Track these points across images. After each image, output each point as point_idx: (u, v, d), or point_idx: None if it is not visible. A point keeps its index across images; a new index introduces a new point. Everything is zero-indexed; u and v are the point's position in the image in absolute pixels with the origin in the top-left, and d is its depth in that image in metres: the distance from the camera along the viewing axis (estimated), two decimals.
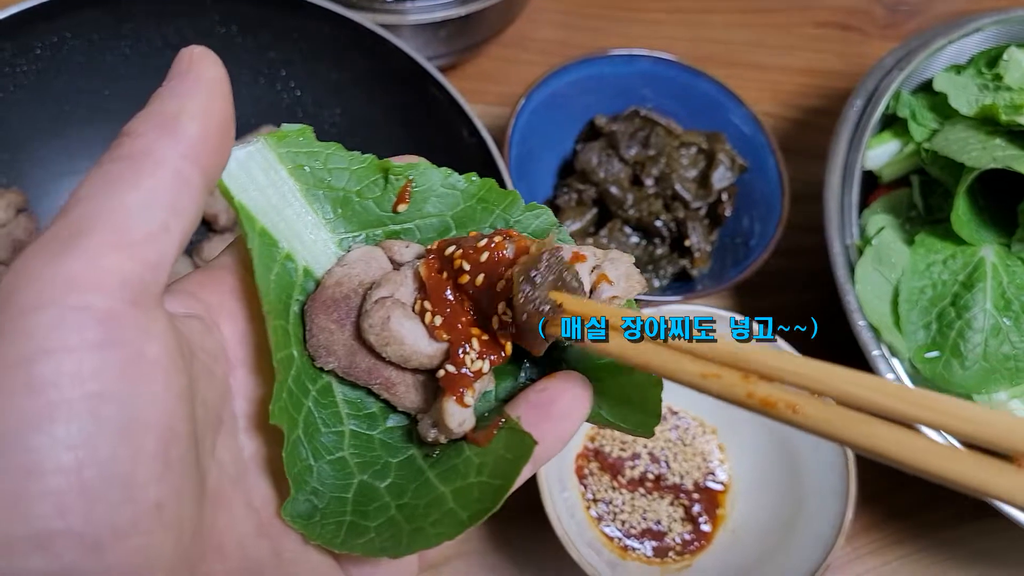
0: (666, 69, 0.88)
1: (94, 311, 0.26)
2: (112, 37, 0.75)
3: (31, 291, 0.26)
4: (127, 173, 0.29)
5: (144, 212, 0.28)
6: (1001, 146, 0.72)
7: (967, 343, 0.70)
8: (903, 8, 1.16)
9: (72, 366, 0.25)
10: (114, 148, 0.30)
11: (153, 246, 0.28)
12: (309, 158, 0.37)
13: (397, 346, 0.35)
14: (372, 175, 0.39)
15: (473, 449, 0.35)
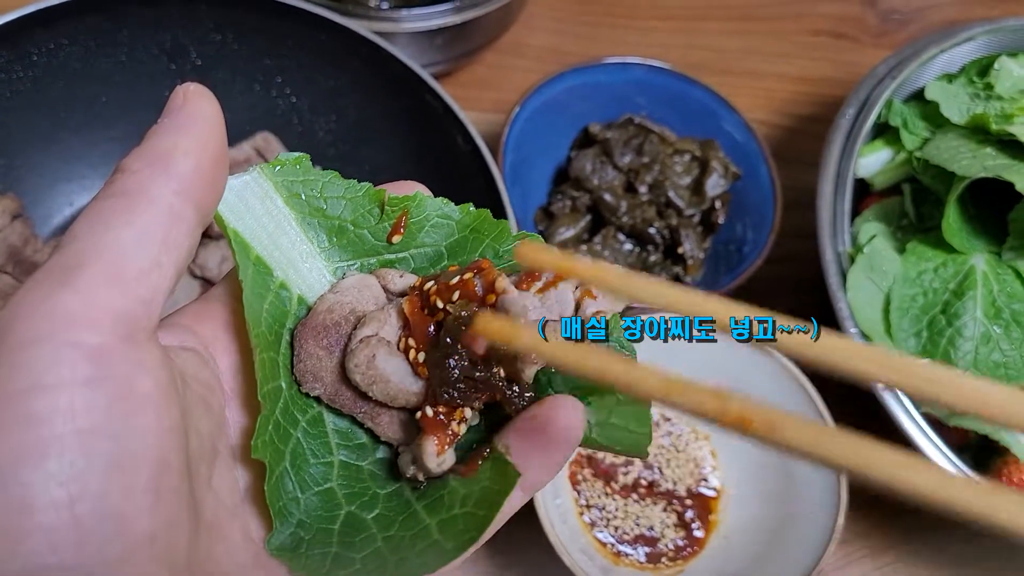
0: (660, 77, 0.88)
1: (86, 347, 0.27)
2: (108, 44, 0.76)
3: (27, 325, 0.27)
4: (121, 210, 0.29)
5: (137, 249, 0.29)
6: (992, 155, 0.73)
7: (958, 351, 0.71)
8: (896, 17, 1.17)
9: (65, 402, 0.26)
10: (109, 184, 0.30)
11: (146, 282, 0.29)
12: (305, 186, 0.38)
13: (383, 384, 0.35)
14: (368, 204, 0.39)
15: (458, 480, 0.35)
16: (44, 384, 0.26)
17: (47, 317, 0.27)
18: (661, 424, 0.79)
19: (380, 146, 0.81)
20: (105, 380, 0.27)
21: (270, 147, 0.82)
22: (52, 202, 0.79)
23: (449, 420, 0.35)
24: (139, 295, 0.29)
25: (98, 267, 0.28)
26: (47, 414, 0.26)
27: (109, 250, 0.28)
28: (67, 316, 0.27)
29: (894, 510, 0.82)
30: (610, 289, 0.31)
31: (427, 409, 0.35)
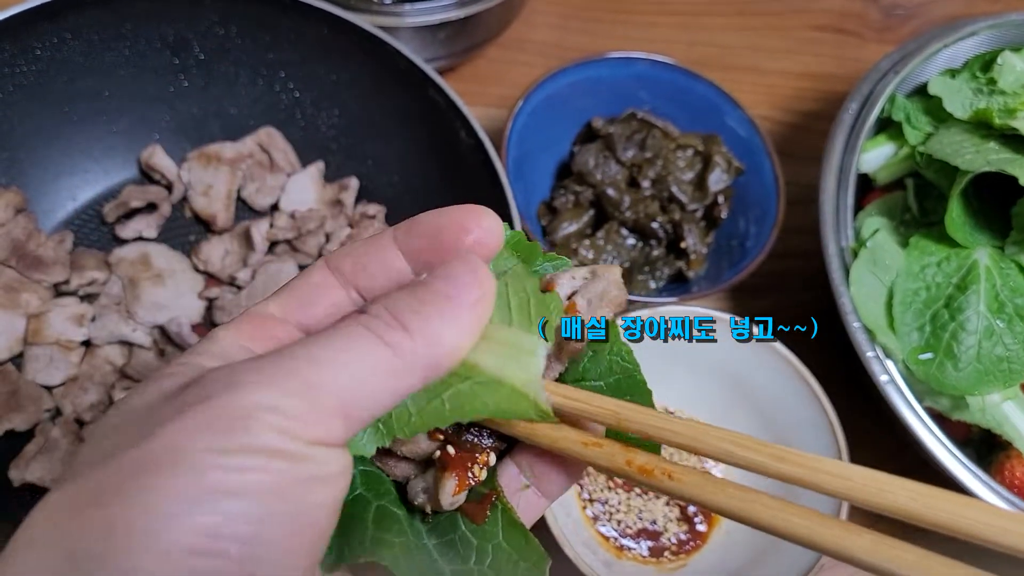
0: (663, 72, 0.88)
1: (291, 439, 0.29)
2: (112, 38, 0.76)
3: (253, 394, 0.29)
4: (382, 360, 0.30)
5: (372, 404, 0.31)
6: (995, 149, 0.73)
7: (961, 345, 0.71)
8: (899, 12, 1.17)
9: (262, 463, 0.28)
10: (380, 325, 0.31)
11: (359, 428, 0.31)
12: None
13: (412, 444, 0.35)
14: None
15: (468, 525, 0.35)
16: (252, 447, 0.27)
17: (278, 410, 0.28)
18: None
19: (383, 141, 0.81)
20: (302, 462, 0.28)
21: (273, 142, 0.82)
22: (55, 196, 0.79)
23: (471, 463, 0.35)
24: (352, 431, 0.30)
25: (336, 400, 0.29)
26: (246, 466, 0.27)
27: (351, 391, 0.30)
28: (294, 412, 0.28)
29: None
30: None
31: (449, 448, 0.35)
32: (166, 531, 0.26)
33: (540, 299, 0.35)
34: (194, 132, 0.82)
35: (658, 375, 0.77)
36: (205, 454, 0.27)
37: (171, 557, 0.26)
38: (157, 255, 0.77)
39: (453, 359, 0.32)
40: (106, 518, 0.26)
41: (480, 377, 0.33)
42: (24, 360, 0.71)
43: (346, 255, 0.35)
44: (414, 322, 0.31)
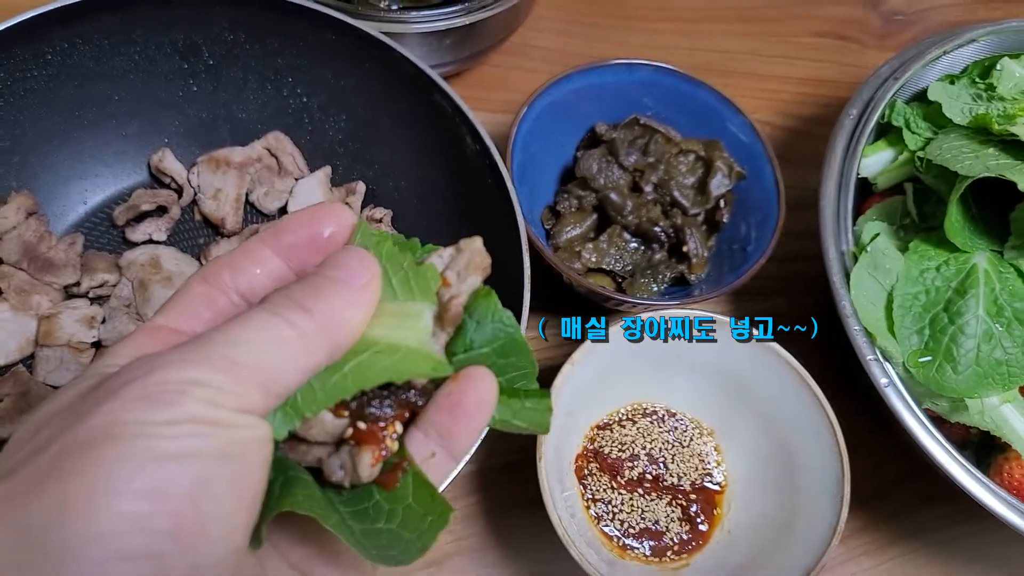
0: (666, 78, 0.89)
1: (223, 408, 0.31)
2: (122, 43, 0.76)
3: (178, 373, 0.31)
4: (293, 342, 0.33)
5: (289, 381, 0.33)
6: (994, 155, 0.74)
7: (960, 348, 0.72)
8: (898, 18, 1.18)
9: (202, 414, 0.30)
10: (286, 307, 0.34)
11: (276, 402, 0.34)
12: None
13: (320, 426, 0.36)
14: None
15: (381, 493, 0.38)
16: (185, 417, 0.29)
17: (196, 384, 0.30)
18: (667, 419, 0.80)
19: (390, 146, 0.82)
20: (232, 428, 0.31)
21: (282, 146, 0.83)
22: (66, 199, 0.80)
23: (382, 435, 0.37)
24: (270, 405, 0.33)
25: (255, 375, 0.32)
26: (181, 433, 0.29)
27: (267, 367, 0.32)
28: (217, 386, 0.31)
29: (896, 507, 0.83)
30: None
31: (360, 424, 0.37)
32: (114, 497, 0.27)
33: (417, 272, 0.39)
34: (203, 136, 0.83)
35: (659, 378, 0.78)
36: (140, 426, 0.29)
37: (122, 519, 0.27)
38: (167, 258, 0.77)
39: (352, 335, 0.35)
40: (52, 495, 0.27)
41: (377, 347, 0.36)
42: (35, 362, 0.72)
43: (223, 266, 0.37)
44: (313, 304, 0.34)
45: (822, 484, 0.71)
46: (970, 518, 0.83)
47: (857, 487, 0.70)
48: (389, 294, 0.38)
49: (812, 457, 0.72)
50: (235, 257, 0.37)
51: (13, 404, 0.69)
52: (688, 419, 0.80)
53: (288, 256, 0.38)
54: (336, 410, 0.36)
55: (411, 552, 0.36)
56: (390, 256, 0.39)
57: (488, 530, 0.76)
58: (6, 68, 0.72)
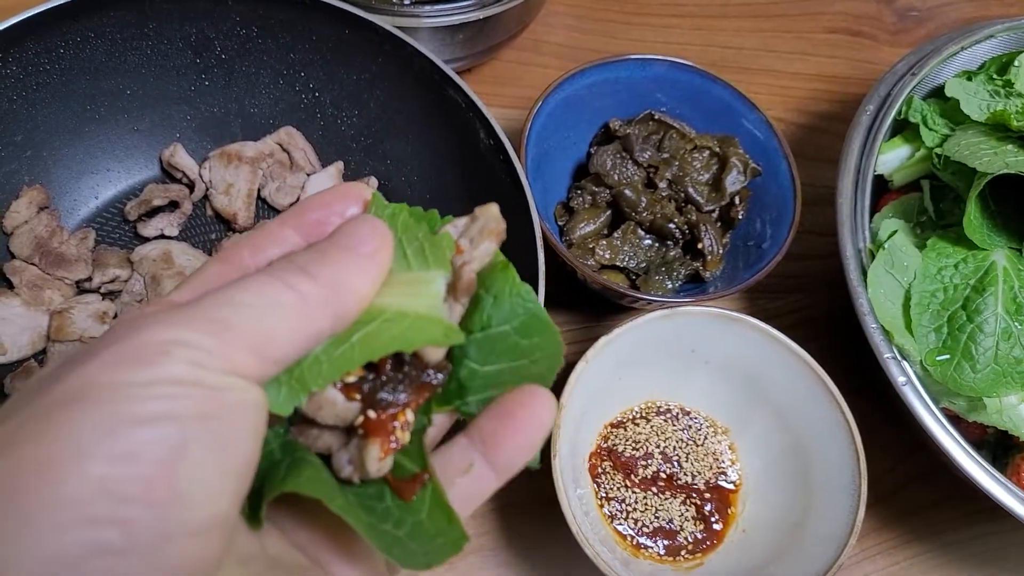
0: (680, 74, 0.88)
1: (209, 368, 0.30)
2: (135, 37, 0.76)
3: (158, 333, 0.30)
4: (290, 307, 0.32)
5: (285, 346, 0.32)
6: (1012, 152, 0.73)
7: (978, 347, 0.71)
8: (913, 14, 1.17)
9: (183, 391, 0.29)
10: (289, 270, 0.33)
11: (274, 370, 0.32)
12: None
13: (330, 408, 0.35)
14: None
15: (394, 498, 0.36)
16: (165, 378, 0.28)
17: (180, 345, 0.29)
18: (680, 417, 0.79)
19: (402, 141, 0.82)
20: (217, 390, 0.29)
21: (294, 141, 0.82)
22: (78, 194, 0.79)
23: (392, 425, 0.35)
24: (266, 371, 0.31)
25: (246, 338, 0.30)
26: (159, 394, 0.28)
27: (261, 330, 0.31)
28: (200, 350, 0.29)
29: (912, 506, 0.83)
30: None
31: (370, 413, 0.35)
32: (82, 461, 0.26)
33: (432, 241, 0.37)
34: (215, 131, 0.83)
35: (673, 376, 0.78)
36: (116, 388, 0.27)
37: (91, 483, 0.26)
38: (179, 253, 0.77)
39: (358, 304, 0.34)
40: (18, 458, 0.26)
41: (385, 315, 0.35)
42: (47, 357, 0.72)
43: (242, 245, 0.36)
44: (317, 270, 0.32)
45: (838, 483, 0.70)
46: (987, 518, 0.82)
47: (873, 486, 0.70)
48: (403, 265, 0.36)
49: (828, 455, 0.72)
50: (254, 236, 0.36)
51: None
52: (702, 417, 0.80)
53: (309, 236, 0.36)
54: (347, 392, 0.35)
55: (415, 560, 0.34)
56: (406, 227, 0.37)
57: (502, 528, 0.76)
58: (19, 63, 0.72)
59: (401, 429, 0.36)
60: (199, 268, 0.36)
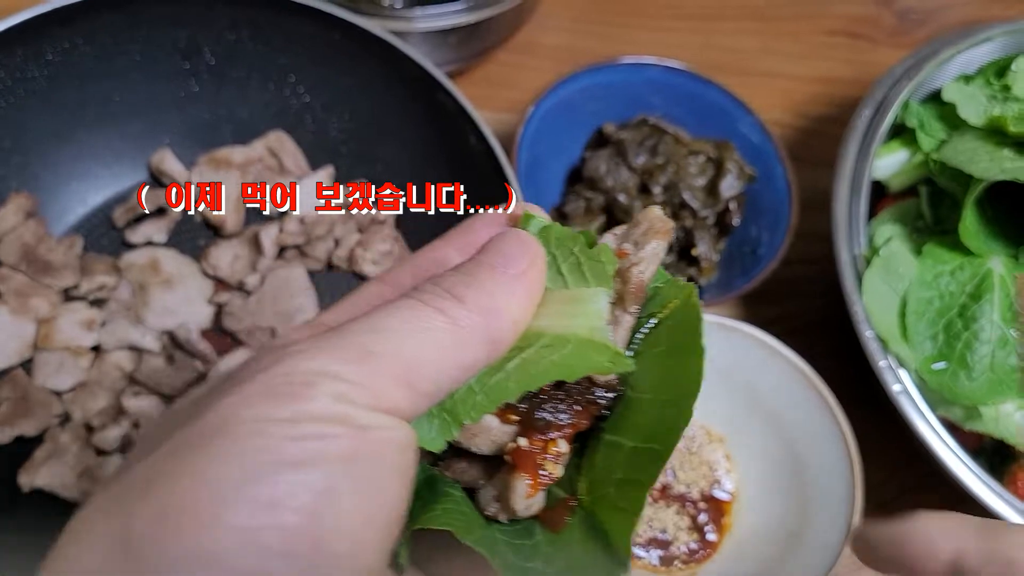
0: (675, 77, 0.88)
1: (360, 411, 0.28)
2: (123, 43, 0.76)
3: (309, 363, 0.28)
4: (439, 330, 0.29)
5: (436, 374, 0.29)
6: (1010, 157, 0.72)
7: (974, 354, 0.70)
8: (912, 16, 1.16)
9: (331, 431, 0.27)
10: (435, 295, 0.30)
11: (425, 403, 0.30)
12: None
13: (485, 434, 0.32)
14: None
15: (545, 534, 0.33)
16: (310, 414, 0.26)
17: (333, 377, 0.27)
18: None
19: (393, 145, 0.81)
20: (365, 430, 0.27)
21: (283, 146, 0.82)
22: (66, 200, 0.79)
23: (543, 458, 0.32)
24: (417, 406, 0.29)
25: (394, 367, 0.28)
26: (305, 434, 0.26)
27: (413, 360, 0.28)
28: (351, 380, 0.27)
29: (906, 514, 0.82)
30: None
31: (520, 441, 0.32)
32: (223, 507, 0.24)
33: (590, 255, 0.34)
34: (204, 136, 0.82)
35: None
36: (260, 424, 0.26)
37: (232, 534, 0.24)
38: (167, 260, 0.76)
39: (513, 329, 0.31)
40: (159, 500, 0.25)
41: (544, 340, 0.32)
42: (33, 365, 0.71)
43: (402, 269, 0.34)
44: (467, 294, 0.30)
45: (834, 492, 0.70)
46: None
47: (871, 495, 0.69)
48: (559, 283, 0.33)
49: (824, 465, 0.71)
50: (416, 257, 0.35)
51: (11, 408, 0.69)
52: (697, 426, 0.79)
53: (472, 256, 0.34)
54: (503, 415, 0.32)
55: None
56: (559, 242, 0.34)
57: None
58: (6, 68, 0.72)
59: (553, 461, 0.32)
60: (357, 288, 0.34)
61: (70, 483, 0.68)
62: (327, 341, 0.28)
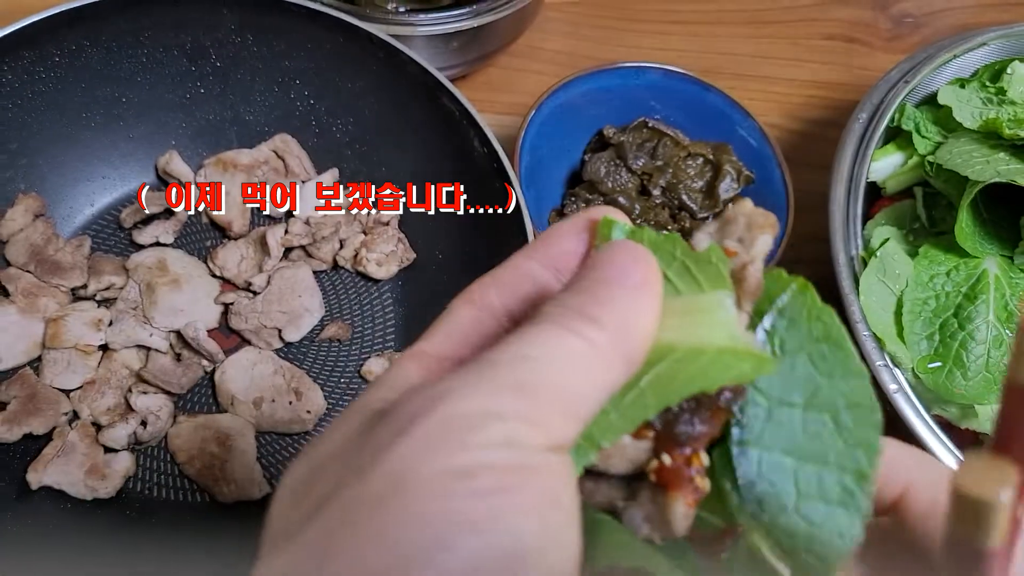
0: (674, 81, 0.89)
1: (527, 445, 0.26)
2: (130, 46, 0.77)
3: (472, 403, 0.26)
4: (583, 355, 0.28)
5: (591, 402, 0.28)
6: (1004, 160, 0.73)
7: (969, 354, 0.71)
8: (908, 21, 1.17)
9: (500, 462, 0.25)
10: (575, 317, 0.29)
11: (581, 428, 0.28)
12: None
13: (620, 452, 0.31)
14: None
15: (696, 556, 0.31)
16: (486, 464, 0.25)
17: (497, 412, 0.26)
18: None
19: (397, 148, 0.82)
20: (541, 475, 0.26)
21: (289, 148, 0.82)
22: (73, 201, 0.80)
23: (689, 472, 0.30)
24: (576, 435, 0.28)
25: (557, 399, 0.27)
26: (485, 489, 0.24)
27: (565, 386, 0.27)
28: (516, 413, 0.26)
29: None
30: None
31: (664, 458, 0.30)
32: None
33: (697, 258, 0.31)
34: (210, 138, 0.83)
35: None
36: (438, 480, 0.24)
37: None
38: (174, 260, 0.77)
39: (645, 344, 0.29)
40: (344, 572, 0.24)
41: (675, 353, 0.30)
42: (42, 364, 0.72)
43: (488, 284, 0.33)
44: (598, 312, 0.28)
45: None
46: None
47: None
48: (670, 290, 0.31)
49: None
50: (500, 274, 0.33)
51: (20, 406, 0.69)
52: None
53: (559, 269, 0.32)
54: (637, 431, 0.30)
55: None
56: (656, 246, 0.32)
57: None
58: (14, 71, 0.73)
59: (700, 475, 0.30)
60: (447, 311, 0.33)
61: (78, 481, 0.68)
62: (478, 376, 0.26)
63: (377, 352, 0.79)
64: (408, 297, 0.82)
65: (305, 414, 0.74)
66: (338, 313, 0.81)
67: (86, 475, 0.69)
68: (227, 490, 0.70)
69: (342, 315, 0.81)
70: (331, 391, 0.77)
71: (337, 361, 0.79)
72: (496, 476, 0.24)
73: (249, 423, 0.73)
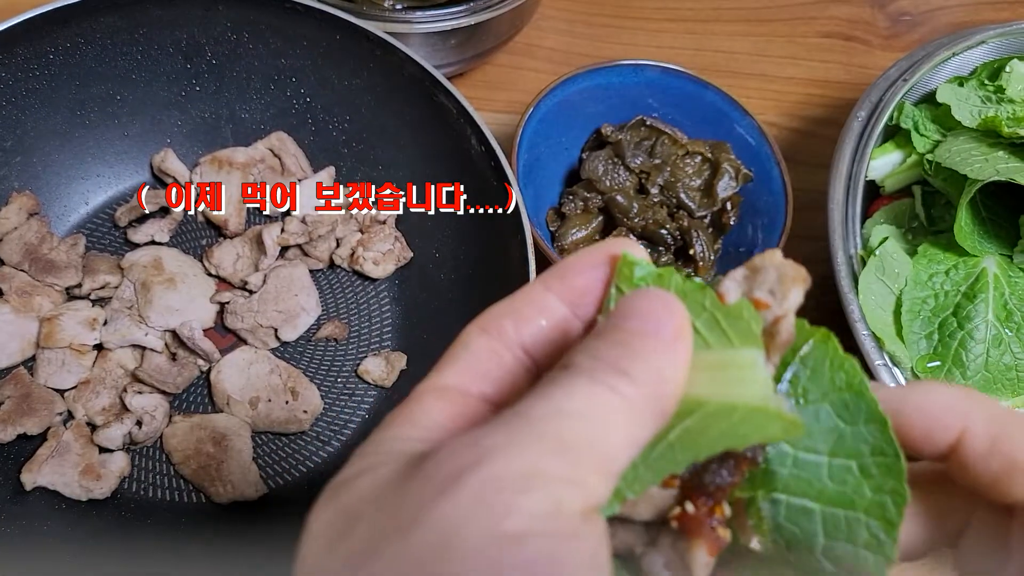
0: (673, 79, 0.88)
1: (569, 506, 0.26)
2: (125, 43, 0.76)
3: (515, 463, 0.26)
4: (618, 410, 0.28)
5: (623, 456, 0.28)
6: (1003, 158, 0.73)
7: (969, 353, 0.71)
8: (905, 19, 1.17)
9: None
10: (612, 371, 0.28)
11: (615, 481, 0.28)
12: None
13: (647, 500, 0.31)
14: None
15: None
16: (532, 529, 0.25)
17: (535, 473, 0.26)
18: None
19: (394, 146, 0.82)
20: (580, 540, 0.25)
21: (285, 147, 0.82)
22: (68, 200, 0.79)
23: (711, 522, 0.30)
24: (610, 492, 0.28)
25: (594, 458, 0.27)
26: (532, 558, 0.24)
27: (601, 445, 0.27)
28: (558, 477, 0.26)
29: None
30: None
31: (687, 506, 0.30)
32: None
33: (728, 312, 0.31)
34: (206, 136, 0.82)
35: None
36: (485, 546, 0.24)
37: None
38: (169, 259, 0.77)
39: (676, 397, 0.29)
40: None
41: (706, 408, 0.30)
42: (36, 363, 0.72)
43: (503, 314, 0.32)
44: (632, 367, 0.28)
45: None
46: None
47: None
48: (698, 343, 0.31)
49: None
50: (517, 304, 0.32)
51: (14, 406, 0.69)
52: None
53: (575, 303, 0.32)
54: (666, 479, 0.31)
55: None
56: (684, 294, 0.32)
57: None
58: (8, 68, 0.72)
59: (722, 524, 0.30)
60: (461, 339, 0.32)
61: (73, 481, 0.68)
62: (518, 432, 0.26)
63: (374, 351, 0.79)
64: (405, 296, 0.81)
65: (302, 414, 0.74)
66: (335, 312, 0.80)
67: (81, 476, 0.68)
68: (223, 490, 0.70)
69: (339, 314, 0.80)
70: (328, 391, 0.77)
71: (334, 360, 0.78)
72: (544, 544, 0.24)
73: (245, 423, 0.73)
